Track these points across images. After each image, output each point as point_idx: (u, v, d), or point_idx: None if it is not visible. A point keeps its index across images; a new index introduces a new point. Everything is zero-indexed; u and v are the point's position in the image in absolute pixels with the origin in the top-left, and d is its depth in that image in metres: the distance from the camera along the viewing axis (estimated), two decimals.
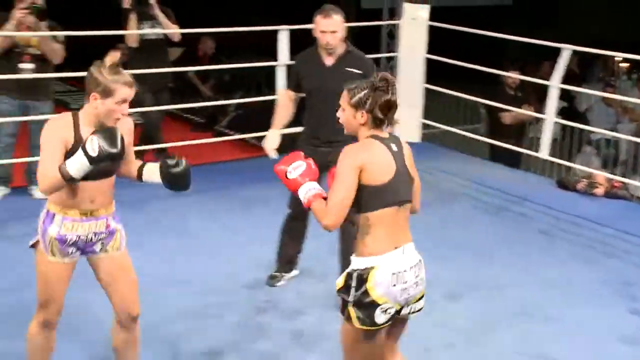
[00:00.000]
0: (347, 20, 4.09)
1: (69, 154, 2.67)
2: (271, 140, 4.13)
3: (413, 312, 2.72)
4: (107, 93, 2.69)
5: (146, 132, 6.06)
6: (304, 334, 3.80)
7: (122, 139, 2.65)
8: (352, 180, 2.56)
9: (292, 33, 6.03)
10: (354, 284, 2.59)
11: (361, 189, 2.57)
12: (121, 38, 5.98)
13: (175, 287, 4.17)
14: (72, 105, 8.25)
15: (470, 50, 6.80)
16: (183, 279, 4.28)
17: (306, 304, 4.09)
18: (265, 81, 7.70)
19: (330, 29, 3.94)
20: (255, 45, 8.46)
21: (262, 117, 5.00)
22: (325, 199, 2.61)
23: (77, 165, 2.61)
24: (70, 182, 2.65)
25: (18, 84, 5.14)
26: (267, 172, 4.36)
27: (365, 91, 2.59)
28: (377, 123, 2.62)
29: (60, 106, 7.97)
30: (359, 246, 2.63)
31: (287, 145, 4.10)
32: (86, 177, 2.68)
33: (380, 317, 2.60)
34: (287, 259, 4.30)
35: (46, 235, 2.79)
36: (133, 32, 5.80)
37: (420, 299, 2.72)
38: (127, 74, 2.79)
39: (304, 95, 4.14)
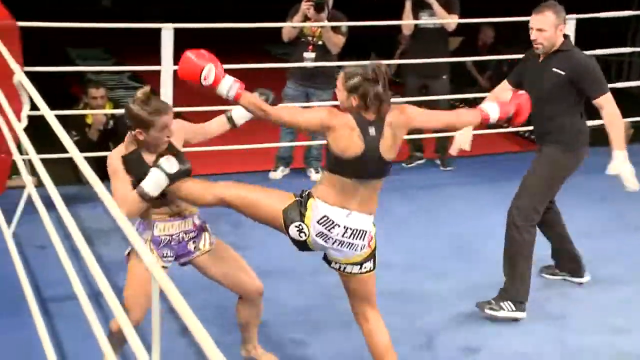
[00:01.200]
0: None
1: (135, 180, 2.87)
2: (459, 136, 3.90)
3: (344, 270, 2.93)
4: (147, 126, 2.86)
5: None
6: (566, 344, 3.61)
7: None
8: (317, 121, 2.80)
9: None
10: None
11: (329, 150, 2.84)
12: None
13: (434, 281, 4.19)
14: None
15: None
16: (439, 271, 4.27)
17: (572, 310, 3.89)
18: None
19: (536, 25, 3.66)
20: None
21: None
22: None
23: (153, 184, 2.80)
24: (147, 200, 2.83)
25: (302, 71, 5.52)
26: None
27: (358, 79, 2.77)
28: (366, 108, 2.79)
29: None
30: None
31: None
32: (163, 194, 2.85)
33: (292, 231, 2.86)
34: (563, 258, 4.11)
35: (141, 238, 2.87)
36: (407, 22, 5.80)
37: (354, 264, 2.91)
38: (160, 100, 2.94)
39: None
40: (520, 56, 3.76)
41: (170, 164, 2.82)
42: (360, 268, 2.93)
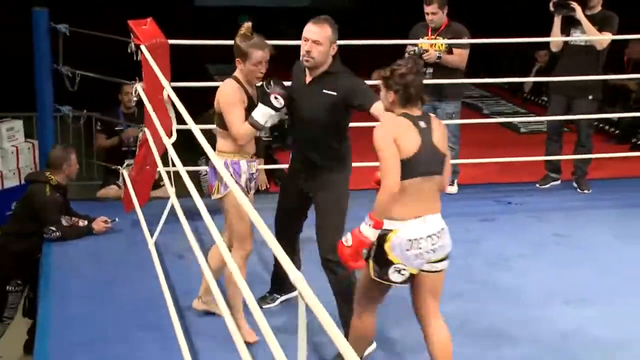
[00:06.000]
0: None
1: (247, 109, 3.30)
2: None
3: (434, 270, 2.96)
4: (244, 56, 3.25)
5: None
6: None
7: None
8: (394, 148, 2.84)
9: None
10: (375, 242, 2.86)
11: None
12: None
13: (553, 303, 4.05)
14: (484, 111, 8.40)
15: None
16: (579, 297, 4.12)
17: None
18: None
19: (312, 37, 3.28)
20: None
21: None
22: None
23: (261, 115, 3.23)
24: (259, 130, 3.29)
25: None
26: None
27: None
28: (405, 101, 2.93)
29: (473, 110, 8.20)
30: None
31: None
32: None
33: (394, 276, 2.88)
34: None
35: (240, 178, 3.39)
36: (554, 39, 5.59)
37: (441, 260, 2.95)
38: (261, 38, 3.21)
39: None
40: None
41: (279, 101, 3.24)
42: (445, 262, 2.99)
